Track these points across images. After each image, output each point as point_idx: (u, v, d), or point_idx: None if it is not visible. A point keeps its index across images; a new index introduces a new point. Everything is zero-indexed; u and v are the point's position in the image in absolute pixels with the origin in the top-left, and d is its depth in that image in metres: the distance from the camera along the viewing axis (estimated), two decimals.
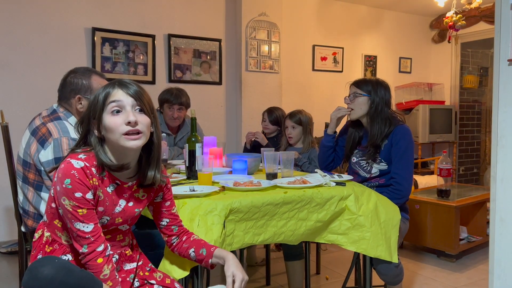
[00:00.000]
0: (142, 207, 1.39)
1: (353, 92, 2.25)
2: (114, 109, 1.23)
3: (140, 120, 1.24)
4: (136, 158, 1.32)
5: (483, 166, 6.22)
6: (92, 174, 1.23)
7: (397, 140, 2.15)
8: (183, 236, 1.46)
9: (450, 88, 5.98)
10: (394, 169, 2.15)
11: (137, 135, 1.23)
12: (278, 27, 4.55)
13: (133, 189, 1.35)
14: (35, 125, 1.79)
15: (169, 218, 1.45)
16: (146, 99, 1.27)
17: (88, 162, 1.23)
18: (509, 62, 1.54)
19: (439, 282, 2.86)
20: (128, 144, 1.22)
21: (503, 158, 1.58)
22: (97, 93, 1.26)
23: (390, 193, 2.13)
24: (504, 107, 1.57)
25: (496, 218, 1.61)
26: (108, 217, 1.30)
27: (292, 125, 2.92)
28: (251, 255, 3.13)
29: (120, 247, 1.39)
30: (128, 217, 1.35)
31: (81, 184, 1.19)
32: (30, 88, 3.55)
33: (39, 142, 1.71)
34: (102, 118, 1.24)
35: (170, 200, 1.46)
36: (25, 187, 1.78)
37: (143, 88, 1.30)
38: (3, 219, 3.50)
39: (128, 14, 3.95)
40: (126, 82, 1.27)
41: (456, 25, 4.27)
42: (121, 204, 1.32)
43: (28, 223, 1.79)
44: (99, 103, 1.24)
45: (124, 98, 1.24)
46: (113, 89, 1.25)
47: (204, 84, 4.32)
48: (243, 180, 1.87)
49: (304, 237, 1.80)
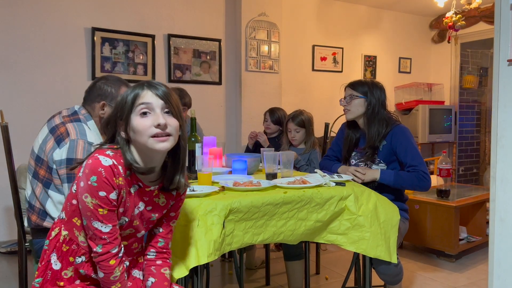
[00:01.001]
0: (159, 213, 1.35)
1: (349, 94, 2.26)
2: (142, 111, 1.20)
3: (169, 123, 1.21)
4: (162, 162, 1.29)
5: (483, 166, 6.22)
6: (119, 173, 1.20)
7: (399, 139, 2.16)
8: (159, 259, 1.39)
9: (449, 88, 5.99)
10: (410, 162, 2.13)
11: (166, 137, 1.20)
12: (278, 27, 4.55)
13: (154, 193, 1.32)
14: (55, 123, 1.79)
15: (163, 229, 1.40)
16: (175, 101, 1.25)
17: (116, 160, 1.20)
18: (509, 62, 1.54)
19: (439, 282, 2.87)
20: (156, 147, 1.19)
21: (503, 158, 1.58)
22: (125, 94, 1.23)
23: (416, 178, 2.10)
24: (504, 107, 1.57)
25: (495, 218, 1.62)
26: (127, 218, 1.27)
27: (295, 128, 2.90)
28: (251, 258, 3.13)
29: (133, 254, 1.38)
30: (144, 221, 1.32)
31: (107, 183, 1.17)
32: (30, 88, 3.55)
33: (56, 141, 1.72)
34: (129, 120, 1.21)
35: (176, 212, 1.41)
36: (34, 182, 1.78)
37: (171, 90, 1.27)
38: (3, 219, 3.50)
39: (127, 14, 3.95)
40: (155, 83, 1.24)
41: (455, 25, 4.28)
42: (140, 206, 1.30)
43: (32, 218, 1.79)
44: (127, 104, 1.21)
45: (154, 100, 1.21)
46: (142, 91, 1.22)
47: (204, 84, 4.32)
48: (243, 180, 1.87)
49: (304, 237, 1.80)
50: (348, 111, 2.26)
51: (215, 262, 3.25)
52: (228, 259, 3.29)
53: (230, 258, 3.28)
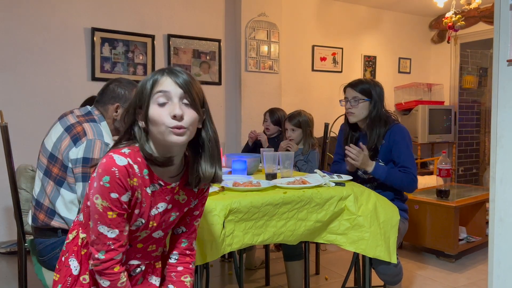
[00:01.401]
0: (179, 212, 1.27)
1: (353, 96, 2.20)
2: (160, 100, 1.13)
3: (186, 114, 1.13)
4: (181, 155, 1.22)
5: (483, 167, 6.22)
6: (134, 174, 1.13)
7: (397, 139, 2.16)
8: (181, 265, 1.32)
9: (449, 88, 5.99)
10: (402, 162, 2.14)
11: (182, 130, 1.12)
12: (278, 27, 4.55)
13: (175, 190, 1.24)
14: (70, 122, 1.79)
15: (186, 228, 1.32)
16: (196, 90, 1.17)
17: (132, 159, 1.14)
18: (509, 63, 1.54)
19: (439, 282, 2.87)
20: (172, 139, 1.12)
21: (503, 158, 1.58)
22: (144, 80, 1.16)
23: (406, 178, 2.12)
24: (504, 107, 1.57)
25: (495, 218, 1.62)
26: (143, 219, 1.19)
27: (292, 128, 2.90)
28: (250, 259, 3.13)
29: (151, 257, 1.29)
30: (163, 222, 1.24)
31: (120, 185, 1.11)
32: (30, 88, 3.55)
33: (72, 140, 1.72)
34: (148, 108, 1.14)
35: (200, 210, 1.33)
36: (45, 180, 1.77)
37: (194, 77, 1.19)
38: (3, 219, 3.50)
39: (127, 14, 3.95)
40: (176, 70, 1.16)
41: (455, 26, 4.28)
42: (160, 207, 1.22)
43: (39, 217, 1.77)
44: (146, 91, 1.14)
45: (172, 89, 1.13)
46: (161, 77, 1.14)
47: (203, 84, 4.28)
48: (243, 180, 1.87)
49: (304, 237, 1.80)
50: (352, 114, 2.21)
51: (215, 262, 3.25)
52: (228, 260, 3.29)
53: (230, 258, 3.28)
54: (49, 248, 1.74)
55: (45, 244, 1.75)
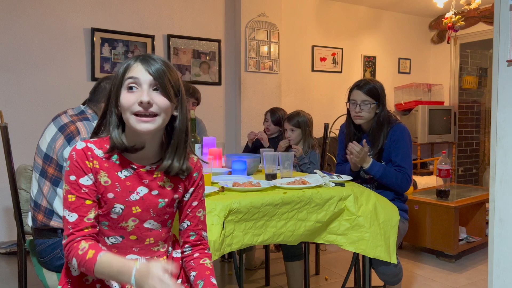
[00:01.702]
0: (168, 198, 1.22)
1: (363, 100, 2.17)
2: (130, 85, 1.12)
3: (156, 101, 1.11)
4: (156, 143, 1.20)
5: (482, 167, 6.22)
6: (94, 156, 1.13)
7: (397, 138, 2.16)
8: (196, 252, 1.30)
9: (449, 88, 5.99)
10: (398, 162, 2.14)
11: (150, 118, 1.10)
12: (278, 27, 4.56)
13: (155, 175, 1.20)
14: (63, 122, 1.81)
15: (190, 221, 1.29)
16: (169, 78, 1.13)
17: (97, 145, 1.14)
18: (508, 63, 1.54)
19: (439, 282, 2.87)
20: (137, 127, 1.10)
21: (502, 159, 1.58)
22: (120, 64, 1.17)
23: (400, 177, 2.13)
24: (503, 108, 1.57)
25: (495, 219, 1.62)
26: (121, 205, 1.16)
27: (291, 128, 2.90)
28: (250, 259, 3.13)
29: (151, 252, 1.24)
30: (149, 208, 1.19)
31: (77, 167, 1.11)
32: (30, 89, 3.55)
33: (66, 139, 1.74)
34: (119, 94, 1.13)
35: (199, 201, 1.31)
36: (41, 181, 1.78)
37: (169, 65, 1.17)
38: (2, 220, 3.50)
39: (127, 14, 3.95)
40: (150, 57, 1.15)
41: (455, 26, 4.28)
42: (140, 191, 1.18)
43: (38, 218, 1.78)
44: (118, 76, 1.14)
45: (142, 75, 1.11)
46: (134, 63, 1.14)
47: (203, 84, 4.31)
48: (243, 180, 1.87)
49: (304, 237, 1.80)
50: (361, 117, 2.20)
51: (214, 262, 3.22)
52: (227, 260, 3.29)
53: (229, 258, 3.28)
54: (50, 249, 1.74)
55: (45, 245, 1.75)
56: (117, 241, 1.20)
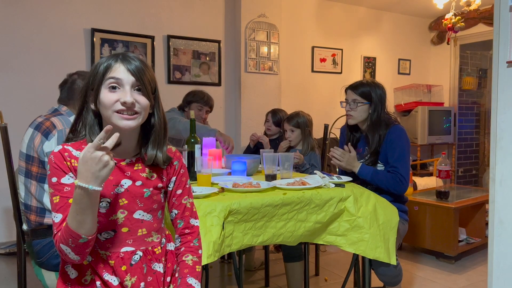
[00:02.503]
0: (152, 187, 1.26)
1: (352, 99, 2.21)
2: (111, 85, 1.15)
3: (138, 101, 1.16)
4: (134, 139, 1.25)
5: (482, 168, 6.22)
6: (71, 156, 1.16)
7: (394, 139, 2.15)
8: (183, 245, 1.33)
9: (449, 89, 5.99)
10: (393, 162, 2.13)
11: (132, 116, 1.16)
12: (278, 28, 4.56)
13: (136, 167, 1.25)
14: (38, 122, 1.85)
15: (177, 209, 1.33)
16: (148, 78, 1.19)
17: (74, 147, 1.18)
18: (508, 64, 1.54)
19: (438, 283, 2.86)
20: (120, 124, 1.15)
21: (502, 160, 1.58)
22: (98, 63, 1.19)
23: (393, 179, 2.11)
24: (503, 109, 1.57)
25: (495, 220, 1.61)
26: (108, 199, 1.19)
27: (291, 128, 2.91)
28: (250, 260, 3.13)
29: (145, 243, 1.26)
30: (136, 198, 1.23)
31: (57, 168, 1.14)
32: (30, 89, 3.55)
33: (43, 135, 1.76)
34: (99, 91, 1.16)
35: (183, 188, 1.34)
36: (28, 182, 1.79)
37: (147, 64, 1.21)
38: (2, 220, 3.50)
39: (127, 15, 3.95)
40: (130, 57, 1.19)
41: (455, 27, 4.29)
42: (125, 184, 1.22)
43: (31, 218, 1.79)
44: (98, 75, 1.17)
45: (124, 76, 1.15)
46: (115, 63, 1.17)
47: (203, 85, 4.31)
48: (242, 181, 1.87)
49: (303, 238, 1.80)
50: (351, 116, 2.22)
51: (214, 263, 3.25)
52: (227, 261, 3.29)
53: (229, 259, 3.28)
54: (46, 248, 1.75)
55: (41, 245, 1.75)
56: (110, 236, 1.21)
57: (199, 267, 1.32)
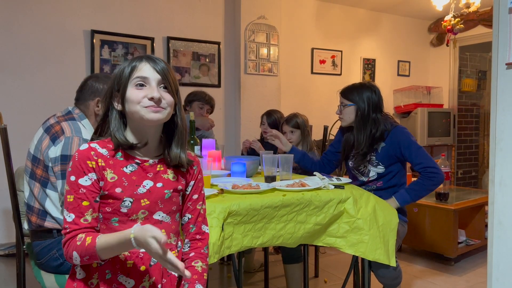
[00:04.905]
0: (172, 188, 1.27)
1: (340, 102, 2.30)
2: (139, 83, 1.19)
3: (164, 97, 1.20)
4: (157, 138, 1.27)
5: (482, 170, 6.23)
6: (98, 155, 1.18)
7: (400, 140, 2.15)
8: (192, 251, 1.33)
9: (448, 91, 6.00)
10: (415, 161, 2.14)
11: (159, 108, 1.19)
12: (277, 30, 4.56)
13: (159, 168, 1.26)
14: (49, 123, 1.83)
15: (191, 214, 1.34)
16: (172, 77, 1.23)
17: (100, 145, 1.20)
18: (507, 66, 1.54)
19: (438, 285, 2.86)
20: (148, 116, 1.18)
21: (502, 162, 1.58)
22: (122, 66, 1.22)
23: (426, 180, 2.11)
24: (503, 110, 1.57)
25: (494, 221, 1.61)
26: (130, 198, 1.20)
27: (290, 129, 2.92)
28: (249, 261, 3.12)
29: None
30: (157, 199, 1.24)
31: (78, 167, 1.16)
32: (29, 90, 3.55)
33: (51, 139, 1.75)
34: (126, 91, 1.20)
35: (199, 194, 1.36)
36: (32, 183, 1.79)
37: (169, 65, 1.26)
38: (1, 222, 3.49)
39: (127, 16, 3.95)
40: (155, 57, 1.23)
41: (454, 29, 4.29)
42: (146, 184, 1.23)
43: (32, 220, 1.78)
44: (124, 75, 1.20)
45: (151, 74, 1.20)
46: (140, 63, 1.21)
47: (203, 86, 4.31)
48: (242, 183, 1.87)
49: (303, 240, 1.80)
50: (341, 119, 2.30)
51: (213, 265, 3.24)
52: (226, 262, 3.29)
53: (228, 261, 3.27)
54: (46, 250, 1.74)
55: (41, 246, 1.75)
56: None
57: (206, 275, 1.33)
